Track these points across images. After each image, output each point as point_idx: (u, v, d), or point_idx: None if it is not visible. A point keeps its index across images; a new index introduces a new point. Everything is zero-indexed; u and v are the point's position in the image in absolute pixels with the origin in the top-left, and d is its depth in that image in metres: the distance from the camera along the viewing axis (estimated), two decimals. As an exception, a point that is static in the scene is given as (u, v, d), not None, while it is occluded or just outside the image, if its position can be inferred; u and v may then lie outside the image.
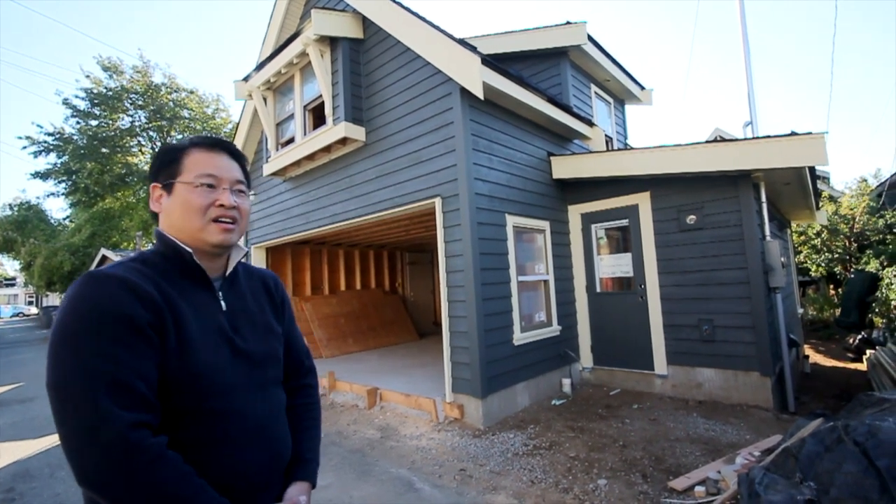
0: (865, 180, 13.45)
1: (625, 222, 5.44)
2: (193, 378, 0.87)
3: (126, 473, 0.73)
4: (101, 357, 0.77)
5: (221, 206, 0.97)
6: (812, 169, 4.65)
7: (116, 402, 0.75)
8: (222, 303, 1.01)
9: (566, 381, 5.27)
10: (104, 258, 15.59)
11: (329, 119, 5.56)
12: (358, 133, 5.45)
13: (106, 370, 0.76)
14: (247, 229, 7.98)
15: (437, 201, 4.67)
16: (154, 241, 1.00)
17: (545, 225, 5.51)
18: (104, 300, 0.80)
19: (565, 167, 5.64)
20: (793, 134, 3.99)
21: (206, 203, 0.96)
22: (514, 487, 3.08)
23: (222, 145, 1.04)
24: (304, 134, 6.09)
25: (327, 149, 5.82)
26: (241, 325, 1.02)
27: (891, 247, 8.69)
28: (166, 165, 0.98)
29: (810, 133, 3.91)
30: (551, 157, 5.72)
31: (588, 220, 5.81)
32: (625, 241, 5.49)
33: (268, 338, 1.08)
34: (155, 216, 1.02)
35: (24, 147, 19.91)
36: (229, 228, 0.99)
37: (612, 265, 5.63)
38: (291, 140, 6.39)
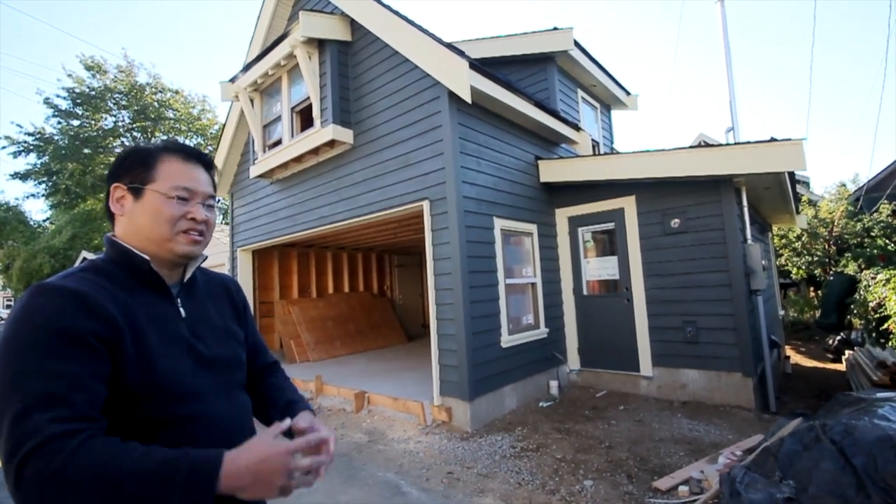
0: (844, 185, 13.82)
1: (611, 226, 5.50)
2: (156, 387, 0.86)
3: (51, 479, 0.68)
4: (37, 371, 0.74)
5: (193, 219, 0.97)
6: (791, 174, 4.76)
7: (48, 417, 0.72)
8: (181, 310, 1.00)
9: (553, 383, 5.30)
10: (85, 261, 15.27)
11: (317, 121, 5.53)
12: (346, 135, 5.43)
13: (41, 384, 0.73)
14: (233, 232, 7.91)
15: (426, 204, 4.67)
16: (105, 248, 0.97)
17: (533, 228, 5.55)
18: (49, 313, 0.78)
19: (553, 171, 5.69)
20: (772, 140, 4.09)
21: (177, 215, 0.95)
22: (502, 490, 3.09)
23: (198, 157, 1.03)
24: (292, 136, 6.05)
25: (315, 151, 5.79)
26: (202, 331, 1.01)
27: (868, 250, 8.92)
28: (136, 168, 0.96)
29: (789, 139, 4.00)
30: (539, 161, 5.77)
31: (575, 223, 5.86)
32: (611, 244, 5.56)
33: (230, 343, 1.08)
34: (110, 215, 0.99)
35: (4, 147, 19.50)
36: (197, 240, 0.99)
37: (599, 268, 5.69)
38: (279, 142, 6.34)
